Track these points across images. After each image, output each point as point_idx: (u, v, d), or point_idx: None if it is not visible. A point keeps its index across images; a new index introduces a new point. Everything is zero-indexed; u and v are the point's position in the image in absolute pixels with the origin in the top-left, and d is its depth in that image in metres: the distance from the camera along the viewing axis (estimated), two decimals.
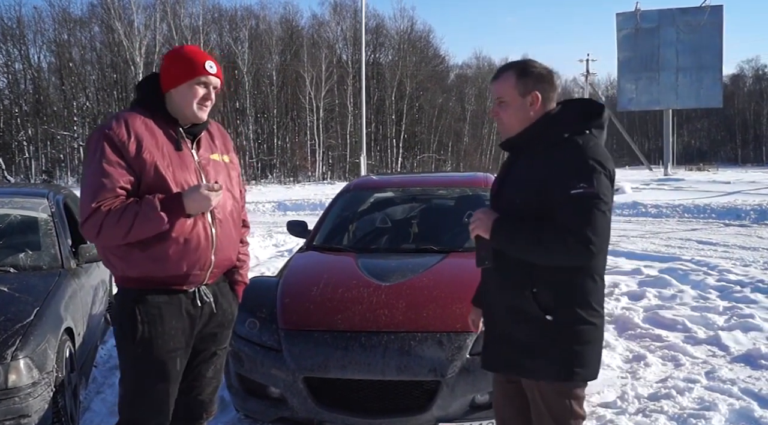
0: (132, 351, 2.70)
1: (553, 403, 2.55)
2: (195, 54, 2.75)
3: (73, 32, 50.67)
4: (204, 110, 2.76)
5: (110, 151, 2.56)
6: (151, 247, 2.62)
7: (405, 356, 3.72)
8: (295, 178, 50.77)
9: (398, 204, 5.95)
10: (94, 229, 2.54)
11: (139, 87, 2.84)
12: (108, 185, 2.54)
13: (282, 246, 12.34)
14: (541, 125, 2.55)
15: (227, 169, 2.91)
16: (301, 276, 4.69)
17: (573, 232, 2.32)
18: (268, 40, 53.71)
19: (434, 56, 63.48)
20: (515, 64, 2.63)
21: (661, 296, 7.67)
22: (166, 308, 2.70)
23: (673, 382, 4.83)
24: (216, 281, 2.87)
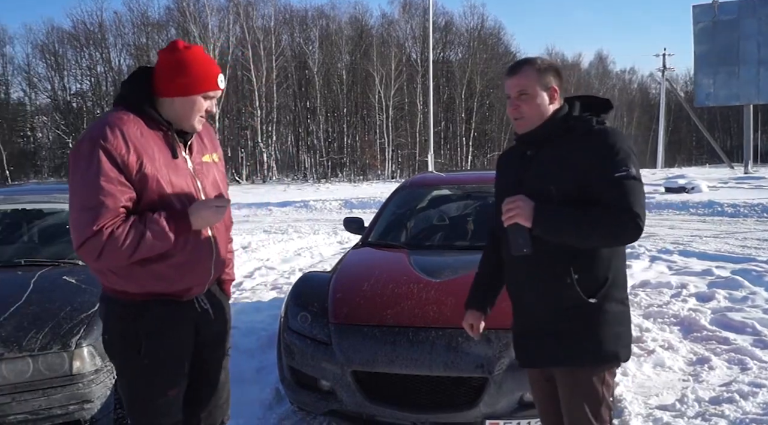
0: (137, 362, 2.59)
1: (590, 392, 2.58)
2: (206, 66, 2.58)
3: (150, 36, 52.31)
4: (201, 122, 2.64)
5: (109, 166, 2.36)
6: (153, 264, 2.51)
7: (452, 352, 3.72)
8: (365, 176, 51.10)
9: (453, 201, 5.95)
10: (94, 253, 2.36)
11: (127, 84, 2.61)
12: (110, 205, 2.35)
13: (346, 243, 12.44)
14: (561, 118, 2.62)
15: (216, 168, 2.79)
16: (354, 272, 4.75)
17: (626, 210, 2.39)
18: (338, 39, 54.16)
19: (505, 53, 62.71)
20: (531, 59, 2.67)
21: (731, 298, 7.42)
22: (168, 320, 2.62)
23: (738, 386, 4.69)
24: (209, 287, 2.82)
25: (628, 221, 2.39)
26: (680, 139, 78.47)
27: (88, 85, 53.52)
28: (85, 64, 52.91)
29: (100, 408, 3.70)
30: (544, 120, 2.61)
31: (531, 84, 2.59)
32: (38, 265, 4.64)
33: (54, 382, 3.58)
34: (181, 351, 2.69)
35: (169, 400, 2.68)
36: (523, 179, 2.63)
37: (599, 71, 72.17)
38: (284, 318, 4.28)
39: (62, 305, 3.92)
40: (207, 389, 2.86)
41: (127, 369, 2.66)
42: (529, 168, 2.63)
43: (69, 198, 2.44)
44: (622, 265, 2.63)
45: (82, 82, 53.72)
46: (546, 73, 2.61)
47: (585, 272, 2.52)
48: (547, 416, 2.85)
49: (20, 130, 55.30)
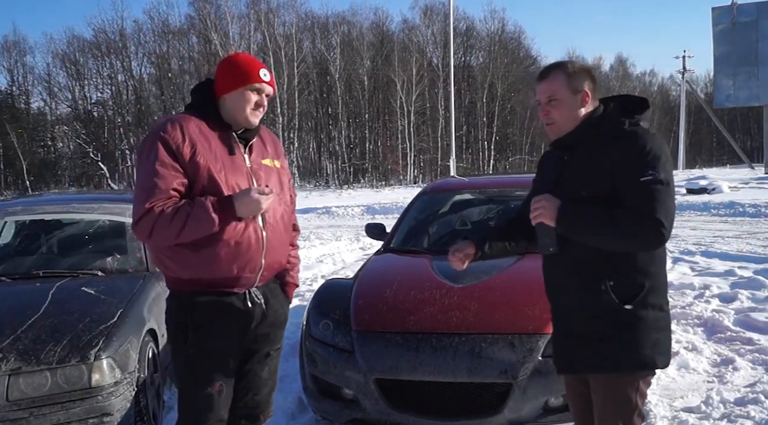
0: (184, 353, 2.75)
1: (623, 399, 2.55)
2: (249, 62, 2.80)
3: (171, 44, 52.78)
4: (256, 116, 2.80)
5: (165, 153, 2.60)
6: (202, 249, 2.65)
7: (475, 358, 3.69)
8: (387, 182, 51.11)
9: (475, 206, 5.90)
10: (147, 229, 2.58)
11: (194, 92, 2.90)
12: (162, 186, 2.57)
13: (369, 249, 12.43)
14: (593, 121, 2.58)
15: (278, 174, 2.95)
16: (376, 278, 4.72)
17: (647, 216, 2.35)
18: (360, 45, 54.28)
19: (525, 57, 62.59)
20: (562, 63, 2.66)
21: (754, 299, 7.35)
22: (217, 311, 2.74)
23: (763, 387, 4.65)
24: (266, 283, 2.90)
25: (650, 228, 2.37)
26: (700, 140, 77.77)
27: (108, 94, 54.06)
28: (106, 73, 53.45)
29: (119, 421, 3.68)
30: (577, 124, 2.58)
31: (560, 89, 2.57)
32: (57, 276, 4.63)
33: (73, 395, 3.56)
34: (226, 345, 2.77)
35: (211, 395, 2.76)
36: (560, 182, 2.62)
37: (619, 74, 71.75)
38: (306, 326, 4.26)
39: (81, 316, 3.91)
40: (243, 380, 2.92)
41: (177, 359, 2.83)
42: (564, 172, 2.62)
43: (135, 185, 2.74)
44: (661, 270, 2.58)
45: (102, 91, 54.33)
46: (576, 76, 2.58)
47: (620, 278, 2.49)
48: (582, 420, 2.81)
49: (41, 140, 55.86)
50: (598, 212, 2.43)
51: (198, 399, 2.76)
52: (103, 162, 49.27)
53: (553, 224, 2.50)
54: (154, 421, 4.12)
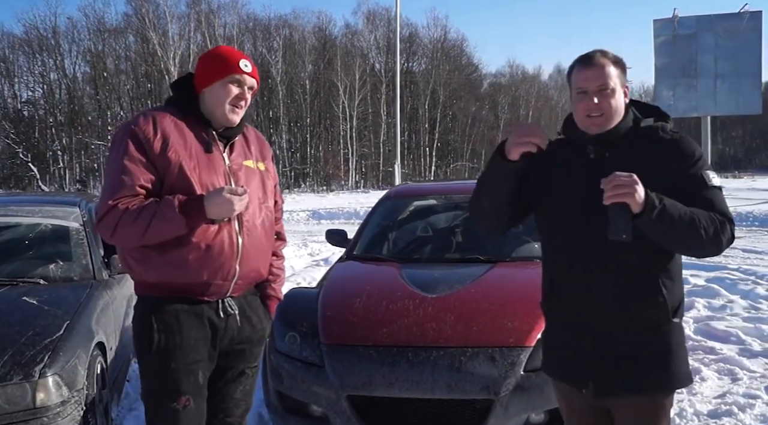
0: (149, 362, 2.56)
1: (661, 419, 2.36)
2: (229, 52, 2.64)
3: (107, 42, 51.29)
4: (236, 112, 2.60)
5: (134, 148, 2.45)
6: (170, 251, 2.47)
7: (455, 373, 3.50)
8: (328, 187, 50.80)
9: (440, 212, 5.73)
10: (110, 227, 2.42)
11: (173, 86, 2.73)
12: (127, 182, 2.42)
13: (317, 255, 12.21)
14: (636, 119, 2.39)
15: (261, 177, 2.74)
16: (343, 287, 4.50)
17: (726, 217, 2.24)
18: (302, 49, 53.91)
19: (468, 65, 63.18)
20: (603, 51, 2.38)
21: (710, 307, 7.42)
22: (185, 317, 2.54)
23: (733, 398, 4.64)
24: (244, 294, 2.69)
25: (728, 228, 2.24)
26: None
27: (40, 93, 52.11)
28: (38, 71, 51.51)
29: None
30: (619, 121, 2.36)
31: (613, 77, 2.31)
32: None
33: (15, 417, 3.23)
34: (194, 357, 2.56)
35: (177, 410, 2.53)
36: (596, 184, 2.23)
37: (558, 83, 72.97)
38: (270, 339, 3.99)
39: (23, 329, 3.58)
40: (214, 400, 2.71)
41: (141, 369, 2.63)
42: (602, 173, 2.24)
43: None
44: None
45: (34, 89, 52.26)
46: (620, 67, 2.35)
47: (670, 289, 2.30)
48: None
49: None
50: (684, 207, 2.17)
51: (163, 414, 2.55)
52: (33, 163, 47.50)
53: (638, 208, 2.12)
54: None
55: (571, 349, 2.43)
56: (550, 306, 2.54)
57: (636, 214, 2.13)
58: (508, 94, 65.12)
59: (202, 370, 2.59)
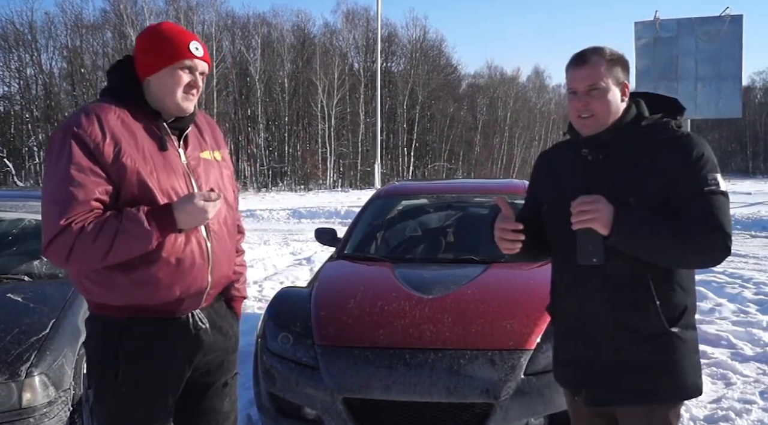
0: (113, 390, 2.26)
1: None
2: (177, 33, 2.29)
3: (85, 38, 50.60)
4: (190, 100, 2.30)
5: (81, 155, 2.09)
6: (137, 270, 2.17)
7: (454, 376, 3.42)
8: (306, 185, 50.51)
9: (432, 212, 5.66)
10: (63, 252, 2.07)
11: (111, 73, 2.36)
12: (80, 196, 2.06)
13: (299, 254, 12.10)
14: (632, 118, 2.27)
15: (219, 168, 2.46)
16: (336, 287, 4.40)
17: (716, 228, 2.12)
18: (280, 47, 53.54)
19: (446, 65, 63.16)
20: (599, 48, 2.28)
21: (699, 310, 7.32)
22: (155, 341, 2.27)
23: (728, 403, 4.63)
24: (212, 302, 2.44)
25: (718, 240, 2.12)
26: None
27: (16, 88, 51.24)
28: (14, 67, 50.63)
29: None
30: (615, 120, 2.26)
31: (602, 76, 2.22)
32: None
33: (1, 417, 3.15)
34: (166, 379, 2.31)
35: None
36: (591, 187, 2.23)
37: (536, 85, 73.28)
38: (262, 339, 3.89)
39: (8, 327, 3.46)
40: (202, 418, 2.50)
41: (103, 398, 2.31)
42: (598, 176, 2.27)
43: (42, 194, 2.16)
44: (694, 288, 2.35)
45: (9, 84, 51.31)
46: (617, 64, 2.24)
47: (666, 298, 2.22)
48: None
49: None
50: (660, 221, 2.12)
51: None
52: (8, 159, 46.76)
53: (605, 231, 2.12)
54: None
55: (569, 355, 2.41)
56: (553, 311, 2.51)
57: (606, 236, 2.12)
58: (486, 95, 65.20)
59: (172, 393, 2.36)
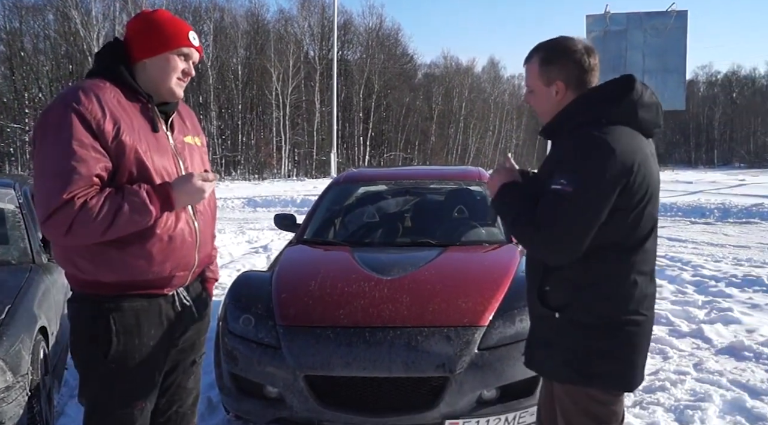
0: (102, 368, 2.33)
1: (572, 413, 2.42)
2: (176, 22, 2.40)
3: (25, 20, 48.92)
4: (181, 87, 2.42)
5: (83, 130, 2.13)
6: (130, 246, 2.24)
7: (412, 352, 3.55)
8: (260, 175, 50.19)
9: (390, 197, 5.79)
10: (63, 226, 2.11)
11: (100, 55, 2.41)
12: (83, 171, 2.11)
13: (255, 242, 12.13)
14: (567, 113, 2.39)
15: (200, 152, 2.58)
16: (297, 270, 4.50)
17: (535, 223, 2.23)
18: (234, 33, 52.93)
19: (402, 55, 63.27)
20: (543, 47, 2.43)
21: None
22: (145, 317, 2.36)
23: (665, 375, 4.96)
24: (191, 281, 2.56)
25: (532, 234, 2.27)
26: None
27: None
28: None
29: None
30: (556, 113, 2.43)
31: (533, 80, 2.45)
32: None
33: None
34: (153, 356, 2.42)
35: (133, 414, 2.39)
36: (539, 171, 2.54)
37: (491, 76, 73.89)
38: (223, 322, 3.98)
39: None
40: (166, 393, 2.61)
41: (91, 378, 2.39)
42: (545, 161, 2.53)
43: (34, 171, 2.21)
44: (624, 280, 2.31)
45: None
46: (550, 67, 2.38)
47: (557, 283, 2.36)
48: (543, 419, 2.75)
49: None
50: (519, 202, 2.36)
51: (116, 419, 2.39)
52: None
53: (491, 196, 2.52)
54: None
55: None
56: None
57: None
58: (442, 85, 65.55)
59: (159, 370, 2.48)
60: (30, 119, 45.88)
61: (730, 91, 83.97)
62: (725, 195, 20.35)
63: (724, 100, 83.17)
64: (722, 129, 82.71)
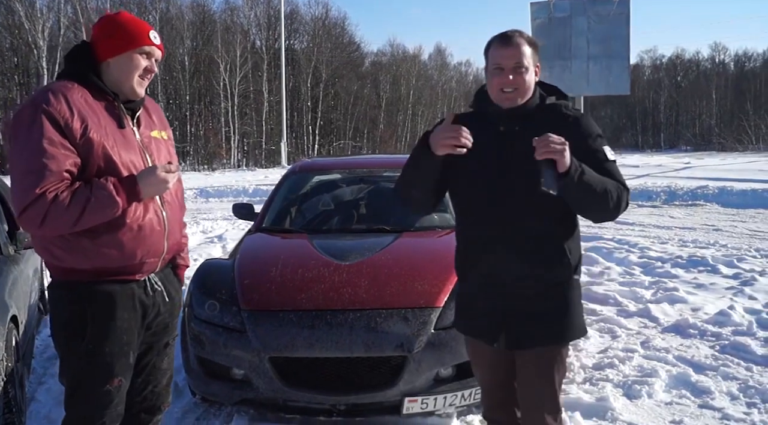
0: (80, 348, 2.51)
1: (560, 366, 2.67)
2: (137, 22, 2.55)
3: None
4: (142, 85, 2.56)
5: (52, 130, 2.30)
6: (102, 235, 2.41)
7: (372, 332, 3.74)
8: (210, 165, 49.69)
9: (345, 186, 5.94)
10: (37, 218, 2.28)
11: (69, 56, 2.57)
12: (53, 168, 2.27)
13: (210, 233, 12.16)
14: (543, 96, 2.65)
15: (167, 146, 2.74)
16: (257, 257, 4.65)
17: (626, 187, 2.55)
18: (180, 24, 52.15)
19: (349, 43, 63.06)
20: (520, 32, 2.60)
21: (590, 274, 8.00)
22: (118, 301, 2.52)
23: (613, 352, 5.16)
24: (162, 267, 2.72)
25: (627, 197, 2.54)
26: None
27: None
28: None
29: None
30: (529, 97, 2.60)
31: (526, 56, 2.53)
32: None
33: None
34: (127, 336, 2.58)
35: (110, 391, 2.56)
36: (509, 157, 2.56)
37: (438, 63, 74.18)
38: (189, 308, 4.11)
39: None
40: (142, 374, 2.77)
41: (70, 359, 2.56)
42: (514, 145, 2.56)
43: (9, 168, 2.37)
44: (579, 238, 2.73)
45: None
46: (533, 47, 2.58)
47: (574, 250, 2.62)
48: (492, 391, 2.88)
49: None
50: (598, 175, 2.45)
51: (95, 395, 2.56)
52: None
53: (564, 168, 2.35)
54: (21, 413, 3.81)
55: (484, 308, 2.69)
56: (465, 270, 2.77)
57: (561, 174, 2.36)
58: (389, 73, 65.59)
59: (133, 350, 2.63)
60: None
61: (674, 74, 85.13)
62: (671, 178, 20.83)
63: (669, 84, 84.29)
64: (668, 113, 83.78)
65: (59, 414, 4.01)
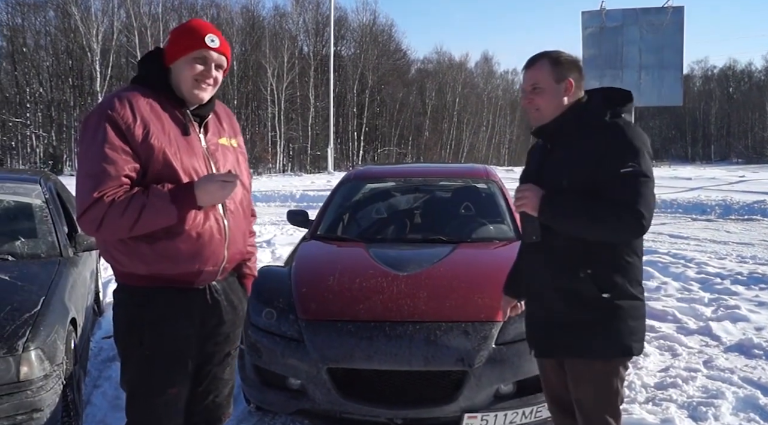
0: (138, 354, 2.51)
1: (604, 384, 2.64)
2: (197, 26, 2.52)
3: (27, 17, 49.13)
4: (203, 89, 2.51)
5: (114, 135, 2.32)
6: (160, 242, 2.40)
7: (432, 346, 3.66)
8: (256, 170, 50.18)
9: (400, 194, 5.90)
10: (95, 222, 2.31)
11: (142, 62, 2.60)
12: (112, 172, 2.30)
13: (259, 237, 12.17)
14: (576, 111, 2.65)
15: (236, 154, 2.69)
16: (314, 265, 4.61)
17: (627, 207, 2.42)
18: (229, 29, 52.80)
19: (396, 50, 63.38)
20: (548, 53, 2.70)
21: (646, 288, 7.69)
22: (176, 308, 2.51)
23: (676, 371, 5.00)
24: (226, 276, 2.68)
25: (630, 218, 2.43)
26: None
27: None
28: None
29: (48, 417, 3.33)
30: (560, 113, 2.65)
31: (544, 77, 2.63)
32: None
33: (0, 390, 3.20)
34: (184, 344, 2.56)
35: (168, 399, 2.55)
36: (543, 171, 2.68)
37: (484, 71, 73.96)
38: (246, 315, 4.08)
39: (1, 304, 3.52)
40: (203, 383, 2.73)
41: (129, 362, 2.57)
42: (546, 162, 2.69)
43: (76, 171, 2.43)
44: (638, 260, 2.65)
45: None
46: (561, 66, 2.64)
47: (598, 266, 2.56)
48: (555, 402, 2.92)
49: None
50: (578, 202, 2.51)
51: (153, 404, 2.55)
52: None
53: (535, 213, 2.57)
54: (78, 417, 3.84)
55: (528, 317, 2.87)
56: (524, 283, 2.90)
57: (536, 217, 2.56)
58: (435, 80, 65.58)
59: (191, 359, 2.59)
60: (31, 114, 45.96)
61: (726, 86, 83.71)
62: (725, 192, 20.29)
63: (721, 95, 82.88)
64: (719, 124, 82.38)
65: (114, 419, 4.08)
